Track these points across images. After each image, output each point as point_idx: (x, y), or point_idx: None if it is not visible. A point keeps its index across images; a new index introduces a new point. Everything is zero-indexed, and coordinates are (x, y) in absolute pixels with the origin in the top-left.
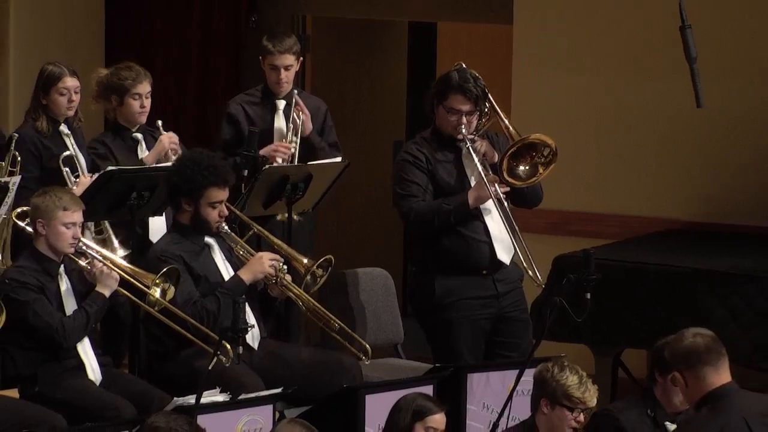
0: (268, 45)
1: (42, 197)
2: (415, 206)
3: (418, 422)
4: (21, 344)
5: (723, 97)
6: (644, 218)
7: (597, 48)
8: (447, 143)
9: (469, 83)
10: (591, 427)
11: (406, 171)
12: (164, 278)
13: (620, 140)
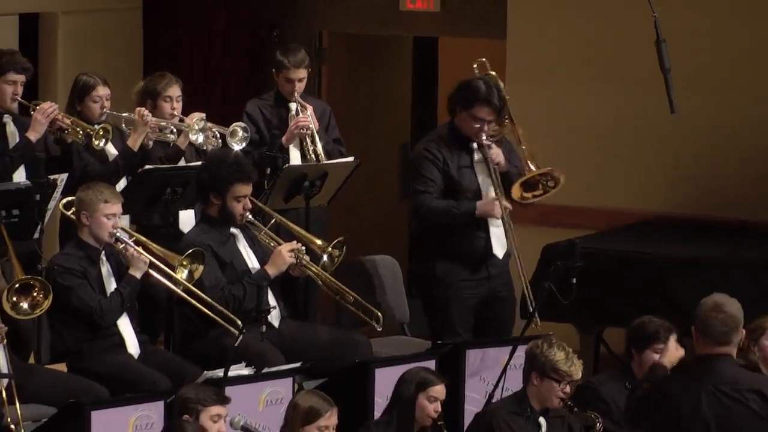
0: (283, 60)
1: (85, 191)
2: (428, 203)
3: (421, 392)
4: (68, 323)
5: (694, 105)
6: (623, 211)
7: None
8: (463, 145)
9: (495, 96)
10: (575, 397)
11: (424, 168)
12: (190, 260)
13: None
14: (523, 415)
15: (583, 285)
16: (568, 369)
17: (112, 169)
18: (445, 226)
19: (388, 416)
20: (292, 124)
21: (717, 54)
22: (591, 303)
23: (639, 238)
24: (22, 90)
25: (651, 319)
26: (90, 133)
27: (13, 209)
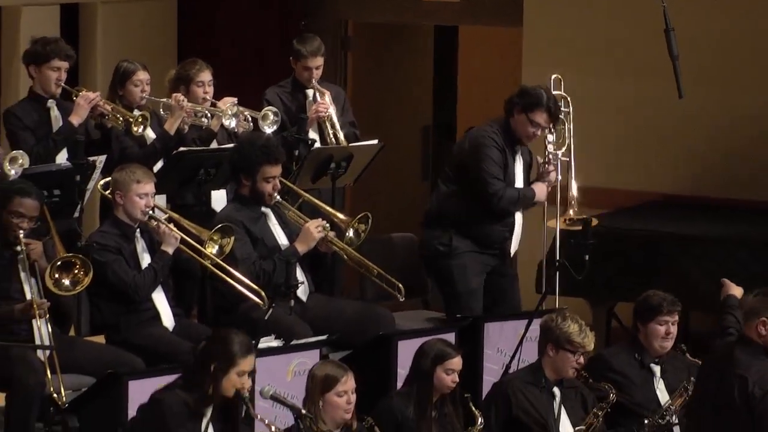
0: (301, 49)
1: (120, 172)
2: (504, 193)
3: (438, 365)
4: (106, 298)
5: (703, 91)
6: (633, 192)
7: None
8: (513, 142)
9: (553, 105)
10: (588, 368)
11: (494, 154)
12: (220, 234)
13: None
14: (538, 386)
15: (596, 261)
16: (582, 340)
17: (150, 152)
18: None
19: (409, 387)
20: (312, 109)
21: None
22: (603, 279)
23: (649, 218)
24: (65, 76)
25: (655, 293)
26: (130, 120)
27: (54, 189)
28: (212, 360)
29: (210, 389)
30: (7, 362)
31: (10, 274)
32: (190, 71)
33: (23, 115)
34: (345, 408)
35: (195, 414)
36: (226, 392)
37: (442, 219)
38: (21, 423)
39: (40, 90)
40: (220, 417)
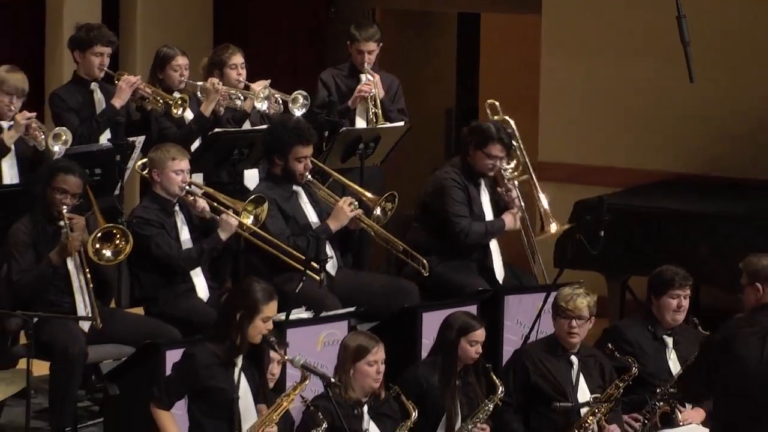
0: (355, 34)
1: (155, 152)
2: (470, 229)
3: (462, 337)
4: (146, 271)
5: (714, 75)
6: (646, 171)
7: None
8: (473, 177)
9: (505, 136)
10: (603, 339)
11: (455, 193)
12: (253, 205)
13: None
14: (555, 355)
15: (610, 237)
16: (567, 305)
17: (187, 132)
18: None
19: (434, 357)
20: (357, 89)
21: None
22: (617, 253)
23: (661, 195)
24: (108, 61)
25: (668, 268)
26: (169, 102)
27: (96, 168)
28: (237, 310)
29: (238, 339)
30: (50, 333)
31: (53, 246)
32: (222, 56)
33: (68, 98)
34: (374, 377)
35: (226, 364)
36: (252, 339)
37: (419, 251)
38: (64, 391)
39: (84, 74)
40: (249, 365)
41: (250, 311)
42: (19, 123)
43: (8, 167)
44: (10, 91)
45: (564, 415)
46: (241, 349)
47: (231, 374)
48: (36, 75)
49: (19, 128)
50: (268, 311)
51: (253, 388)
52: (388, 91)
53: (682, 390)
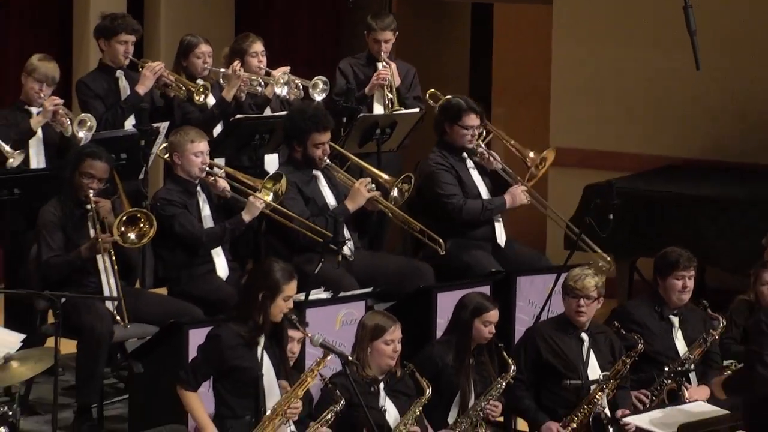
0: (372, 24)
1: (175, 135)
2: (464, 205)
3: (476, 317)
4: (170, 251)
5: (721, 63)
6: (655, 156)
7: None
8: (457, 154)
9: (475, 105)
10: (611, 319)
11: (442, 176)
12: (272, 182)
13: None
14: (567, 333)
15: (619, 220)
16: (575, 284)
17: (209, 117)
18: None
19: (448, 337)
20: (374, 76)
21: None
22: (625, 235)
23: (668, 180)
24: (132, 49)
25: (673, 250)
26: (191, 90)
27: (122, 153)
28: (259, 290)
29: (260, 319)
30: (77, 313)
31: (81, 229)
32: (243, 44)
33: (94, 85)
34: (391, 356)
35: (250, 344)
36: (274, 318)
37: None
38: (90, 368)
39: (109, 61)
40: (271, 344)
41: (272, 291)
42: (46, 108)
43: (35, 153)
44: (40, 78)
45: (574, 391)
46: (263, 329)
47: (254, 353)
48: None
49: (47, 114)
50: (288, 290)
51: (275, 365)
52: (404, 79)
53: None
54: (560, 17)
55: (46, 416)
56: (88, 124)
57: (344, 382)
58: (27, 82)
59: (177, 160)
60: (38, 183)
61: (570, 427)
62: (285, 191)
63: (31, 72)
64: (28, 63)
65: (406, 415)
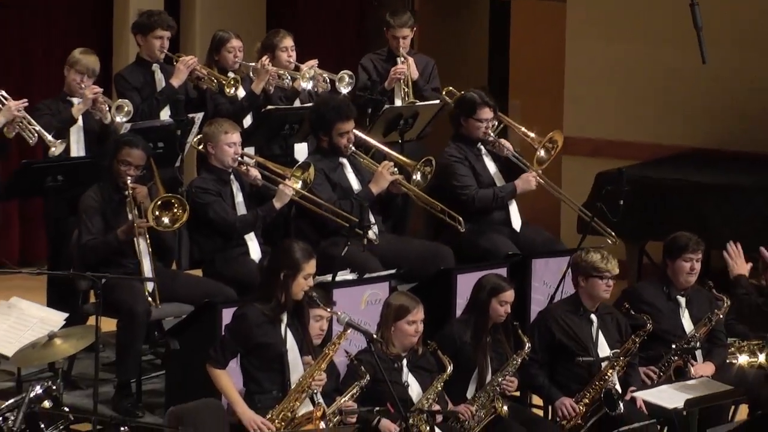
0: (390, 21)
1: (209, 126)
2: (476, 195)
3: (493, 297)
4: (204, 235)
5: (728, 57)
6: (664, 145)
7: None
8: (471, 145)
9: (489, 99)
10: (622, 300)
11: (457, 168)
12: (301, 171)
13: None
14: (577, 313)
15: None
16: (605, 265)
17: (239, 108)
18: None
19: (467, 316)
20: (391, 71)
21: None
22: (635, 220)
23: (676, 168)
24: (168, 44)
25: (682, 234)
26: (223, 82)
27: (158, 142)
28: (280, 270)
29: (283, 297)
30: (117, 293)
31: (119, 214)
32: (274, 39)
33: (131, 78)
34: (413, 335)
35: (274, 321)
36: (296, 296)
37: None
38: (129, 346)
39: (146, 56)
40: (293, 321)
41: (293, 270)
42: (86, 97)
43: (75, 141)
44: (81, 70)
45: (586, 368)
46: (286, 306)
47: (279, 330)
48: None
49: (87, 102)
50: (308, 268)
51: (299, 341)
52: (424, 71)
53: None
54: (574, 14)
55: (87, 390)
56: (125, 110)
57: (369, 358)
58: (69, 74)
59: (211, 150)
60: (79, 170)
61: (582, 402)
62: (313, 178)
63: (73, 64)
64: (71, 56)
65: (429, 390)
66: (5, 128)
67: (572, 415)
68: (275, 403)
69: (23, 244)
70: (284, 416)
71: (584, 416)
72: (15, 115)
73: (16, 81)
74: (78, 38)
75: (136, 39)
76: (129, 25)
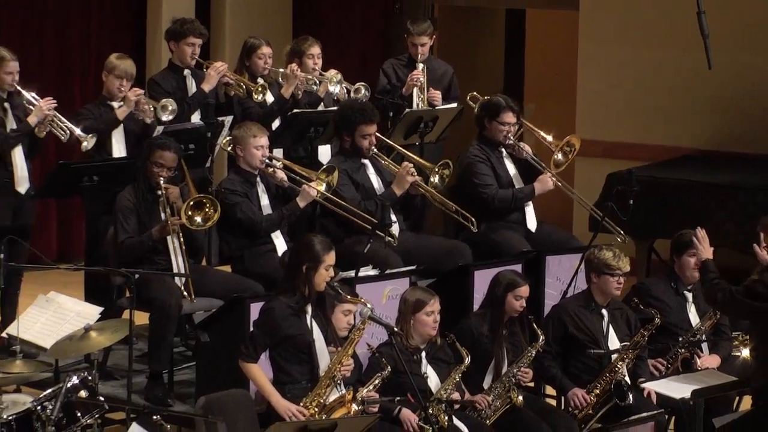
0: (410, 28)
1: (238, 130)
2: (496, 194)
3: (509, 292)
4: (233, 234)
5: (735, 62)
6: (672, 147)
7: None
8: (494, 147)
9: (513, 104)
10: (631, 295)
11: (479, 168)
12: (325, 174)
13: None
14: (589, 308)
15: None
16: (617, 263)
17: (268, 112)
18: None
19: (484, 310)
20: (409, 77)
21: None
22: (644, 219)
23: (683, 168)
24: (198, 51)
25: (688, 231)
26: (251, 89)
27: (189, 144)
28: (302, 263)
29: (306, 289)
30: (150, 288)
31: (153, 213)
32: (302, 46)
33: (163, 83)
34: (431, 326)
35: (299, 313)
36: (318, 287)
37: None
38: (161, 338)
39: (178, 62)
40: (317, 312)
41: (314, 262)
42: (129, 99)
43: (117, 142)
44: (120, 75)
45: (597, 360)
46: (309, 298)
47: (304, 321)
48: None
49: (130, 103)
50: (329, 260)
51: (324, 331)
52: (442, 79)
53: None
54: (585, 22)
55: (121, 381)
56: (170, 108)
57: (390, 351)
58: (108, 80)
59: (240, 152)
60: (115, 171)
61: (593, 392)
62: (337, 182)
63: (111, 70)
64: (108, 62)
65: (447, 380)
66: (36, 128)
67: (584, 405)
68: (305, 392)
69: (61, 241)
70: (317, 402)
71: (595, 406)
72: (46, 114)
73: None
74: (113, 45)
75: (169, 45)
76: (162, 32)
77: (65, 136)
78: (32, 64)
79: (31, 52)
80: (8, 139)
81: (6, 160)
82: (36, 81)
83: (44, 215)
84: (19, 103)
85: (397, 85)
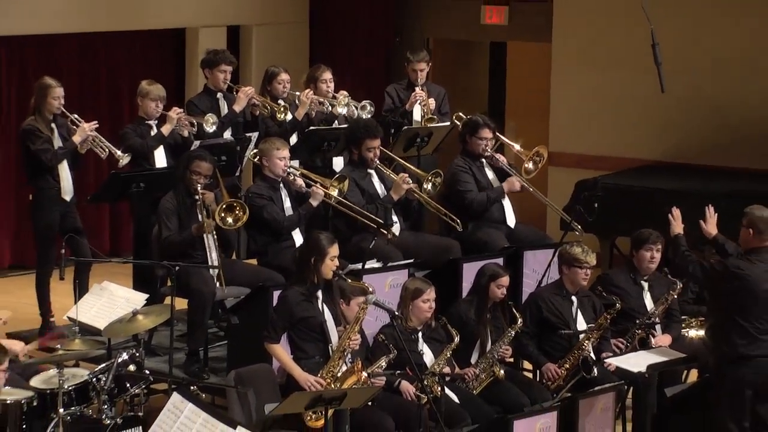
0: (410, 57)
1: (264, 143)
2: (474, 198)
3: (492, 282)
4: (259, 231)
5: (691, 84)
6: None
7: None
8: (475, 159)
9: (489, 122)
10: (596, 284)
11: (461, 176)
12: (338, 181)
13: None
14: (561, 295)
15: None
16: (585, 258)
17: (284, 131)
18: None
19: (471, 297)
20: (411, 96)
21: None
22: (608, 220)
23: (641, 177)
24: (230, 76)
25: (646, 230)
26: (275, 110)
27: (222, 156)
28: (310, 256)
29: (314, 278)
30: (188, 278)
31: (191, 214)
32: (315, 73)
33: (200, 104)
34: (427, 311)
35: (311, 298)
36: (326, 276)
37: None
38: (198, 321)
39: (212, 86)
40: (326, 298)
41: (320, 255)
42: (171, 117)
43: (158, 152)
44: (154, 98)
45: (567, 339)
46: (318, 285)
47: (316, 305)
48: (178, 87)
49: (173, 121)
50: (333, 251)
51: (333, 314)
52: (436, 98)
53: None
54: (558, 52)
55: (164, 357)
56: (211, 121)
57: (391, 331)
58: (144, 103)
59: (265, 162)
60: (158, 179)
61: (564, 367)
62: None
63: (146, 95)
64: (141, 88)
65: (439, 357)
66: (79, 146)
67: (555, 377)
68: (318, 366)
69: (112, 239)
70: (332, 375)
71: (565, 378)
72: (88, 134)
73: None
74: (157, 72)
75: (204, 72)
76: (198, 61)
77: (104, 153)
78: (88, 96)
79: (88, 87)
80: (57, 155)
81: (54, 173)
82: (89, 108)
83: (99, 218)
84: (63, 123)
85: (399, 106)
